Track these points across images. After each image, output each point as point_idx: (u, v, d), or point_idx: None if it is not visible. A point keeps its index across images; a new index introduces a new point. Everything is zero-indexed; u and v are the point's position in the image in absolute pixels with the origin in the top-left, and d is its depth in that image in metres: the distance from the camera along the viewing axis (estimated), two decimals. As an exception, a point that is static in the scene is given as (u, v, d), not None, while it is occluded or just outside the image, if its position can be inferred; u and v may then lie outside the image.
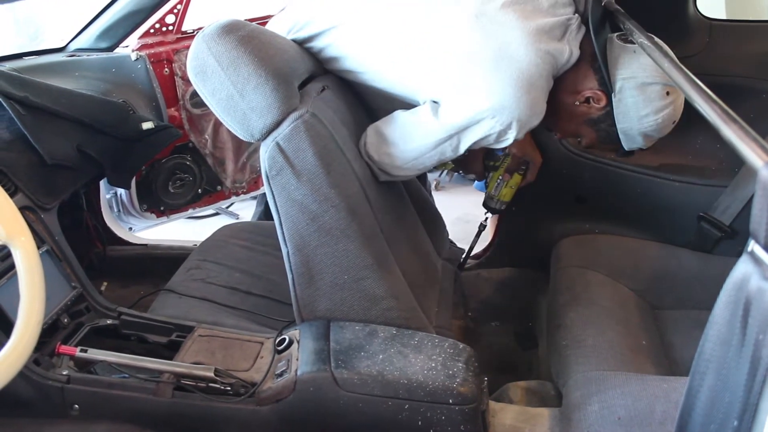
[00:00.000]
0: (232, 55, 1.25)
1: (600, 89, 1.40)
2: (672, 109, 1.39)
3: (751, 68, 1.81)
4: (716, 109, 0.84)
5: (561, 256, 1.86)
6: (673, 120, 1.42)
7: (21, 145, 1.45)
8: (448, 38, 1.36)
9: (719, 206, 1.78)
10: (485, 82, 1.30)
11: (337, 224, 1.29)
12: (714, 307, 0.70)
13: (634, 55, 1.37)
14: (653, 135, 1.43)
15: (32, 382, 1.22)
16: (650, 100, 1.37)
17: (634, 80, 1.37)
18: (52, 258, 1.39)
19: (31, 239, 1.00)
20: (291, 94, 1.29)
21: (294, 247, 1.31)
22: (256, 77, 1.25)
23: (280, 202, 1.29)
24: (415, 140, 1.41)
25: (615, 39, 1.42)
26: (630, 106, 1.38)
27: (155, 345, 1.42)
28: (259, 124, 1.27)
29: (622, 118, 1.40)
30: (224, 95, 1.27)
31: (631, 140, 1.45)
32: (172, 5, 2.18)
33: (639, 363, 1.42)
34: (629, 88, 1.37)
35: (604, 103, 1.41)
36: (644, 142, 1.45)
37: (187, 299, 1.58)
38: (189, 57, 1.30)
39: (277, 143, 1.26)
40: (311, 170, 1.26)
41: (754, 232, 0.63)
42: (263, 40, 1.32)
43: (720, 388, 0.70)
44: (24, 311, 0.95)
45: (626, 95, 1.38)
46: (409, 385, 1.18)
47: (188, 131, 2.28)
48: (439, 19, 1.39)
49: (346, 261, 1.31)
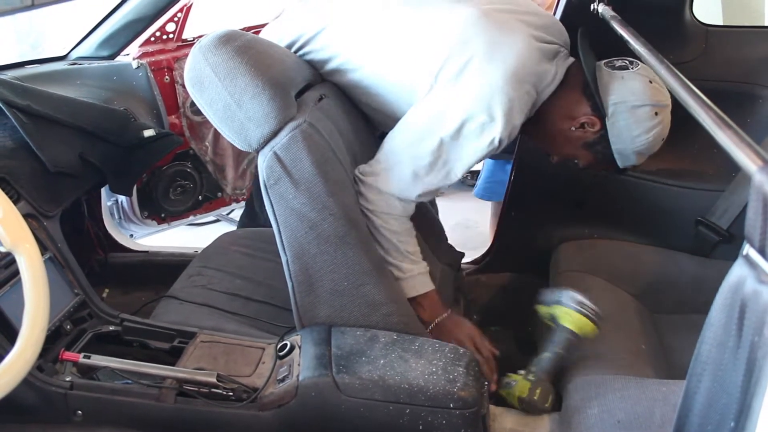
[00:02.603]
0: (229, 66, 1.26)
1: (593, 114, 1.48)
2: (661, 128, 1.48)
3: (748, 74, 1.83)
4: (711, 114, 0.85)
5: (560, 261, 1.87)
6: (662, 137, 1.50)
7: (23, 153, 1.46)
8: (445, 26, 1.42)
9: (717, 210, 1.79)
10: (479, 69, 1.37)
11: (336, 232, 1.30)
12: (710, 310, 0.71)
13: (623, 80, 1.47)
14: (645, 152, 1.52)
15: (36, 389, 1.22)
16: (641, 121, 1.46)
17: (625, 104, 1.45)
18: (54, 265, 1.40)
19: (35, 246, 1.01)
20: (288, 104, 1.30)
21: (293, 255, 1.32)
22: (253, 87, 1.26)
23: (279, 211, 1.30)
24: (406, 161, 1.42)
25: (603, 66, 1.51)
26: (623, 128, 1.46)
27: (157, 351, 1.43)
28: (256, 133, 1.28)
29: (617, 139, 1.48)
30: (221, 105, 1.28)
31: (625, 159, 1.52)
32: (173, 13, 2.20)
33: (638, 367, 1.43)
34: (621, 112, 1.45)
35: (599, 127, 1.48)
36: (637, 160, 1.53)
37: (189, 305, 1.58)
38: (186, 68, 1.32)
39: (274, 153, 1.27)
40: (309, 179, 1.27)
41: (749, 236, 0.64)
42: (260, 50, 1.33)
43: (716, 390, 0.70)
44: (29, 318, 0.96)
45: (619, 118, 1.46)
46: (410, 389, 1.19)
47: (189, 138, 2.30)
48: (433, 11, 1.46)
49: (345, 268, 1.31)
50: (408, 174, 1.42)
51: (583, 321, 1.38)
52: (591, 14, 1.67)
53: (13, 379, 0.92)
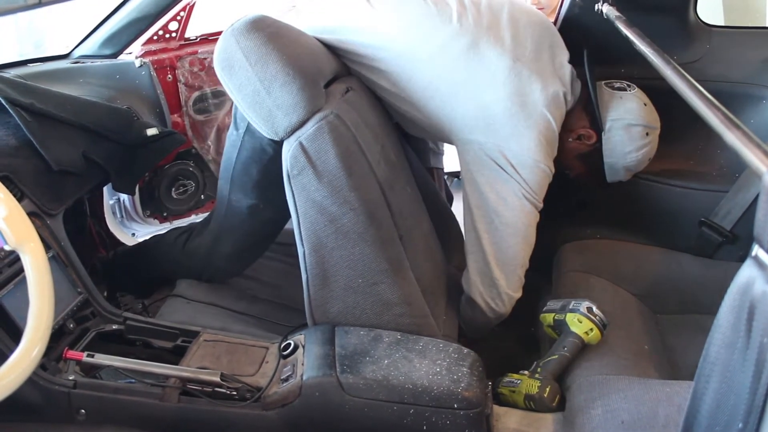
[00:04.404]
0: (261, 52, 1.25)
1: (591, 128, 1.61)
2: (650, 148, 1.62)
3: (752, 75, 1.82)
4: (719, 115, 0.85)
5: (563, 261, 1.87)
6: (649, 157, 1.64)
7: (27, 152, 1.45)
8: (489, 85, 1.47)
9: (720, 211, 1.79)
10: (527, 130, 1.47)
11: (355, 227, 1.29)
12: (719, 311, 0.71)
13: (621, 100, 1.60)
14: (633, 169, 1.66)
15: (39, 387, 1.22)
16: (634, 139, 1.60)
17: (622, 121, 1.59)
18: (58, 263, 1.40)
19: (40, 245, 1.01)
20: (317, 94, 1.29)
21: (310, 248, 1.31)
22: (284, 75, 1.25)
23: (300, 202, 1.29)
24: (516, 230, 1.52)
25: (604, 86, 1.64)
26: (617, 144, 1.60)
27: (160, 350, 1.43)
28: (284, 122, 1.27)
29: (609, 153, 1.62)
30: (250, 91, 1.27)
31: (615, 173, 1.66)
32: (176, 12, 2.19)
33: (641, 367, 1.43)
34: (617, 128, 1.59)
35: (594, 141, 1.62)
36: (624, 175, 1.68)
37: (194, 304, 1.58)
38: (217, 50, 1.30)
39: (300, 143, 1.26)
40: (333, 172, 1.26)
41: (758, 237, 0.64)
42: (291, 38, 1.32)
43: (725, 391, 0.70)
44: (34, 317, 0.96)
45: (614, 134, 1.60)
46: (414, 389, 1.19)
47: (191, 137, 2.30)
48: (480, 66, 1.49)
49: (361, 265, 1.31)
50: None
51: (592, 329, 1.43)
52: (595, 15, 1.66)
53: (18, 378, 0.92)
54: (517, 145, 1.46)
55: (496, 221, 1.49)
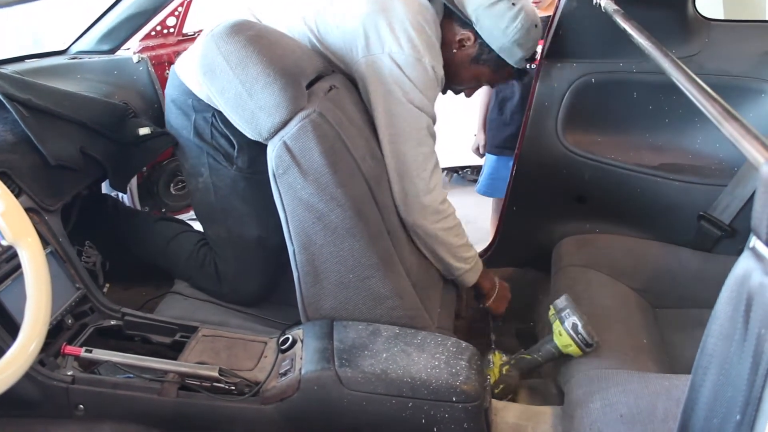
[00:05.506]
0: (241, 55, 1.26)
1: (464, 30, 1.62)
2: (525, 13, 1.59)
3: (751, 68, 1.82)
4: (717, 107, 0.85)
5: (562, 256, 1.87)
6: (533, 23, 1.61)
7: (24, 147, 1.45)
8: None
9: (719, 205, 1.79)
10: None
11: (343, 223, 1.30)
12: (716, 303, 0.71)
13: None
14: (525, 42, 1.61)
15: (37, 383, 1.22)
16: (502, 14, 1.58)
17: (481, 6, 1.59)
18: (56, 259, 1.39)
19: (37, 241, 1.00)
20: (299, 94, 1.29)
21: (300, 246, 1.32)
22: (265, 76, 1.26)
23: (287, 201, 1.30)
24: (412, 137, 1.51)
25: None
26: (492, 28, 1.59)
27: (159, 345, 1.43)
28: (267, 123, 1.27)
29: (492, 39, 1.60)
30: (233, 94, 1.28)
31: (512, 54, 1.62)
32: (173, 8, 2.19)
33: (640, 361, 1.43)
34: (482, 15, 1.59)
35: (474, 38, 1.62)
36: (523, 52, 1.63)
37: (192, 301, 1.59)
38: (198, 56, 1.31)
39: (284, 142, 1.27)
40: (318, 169, 1.27)
41: (756, 229, 0.63)
42: (272, 40, 1.32)
43: (722, 383, 0.70)
44: (31, 312, 0.95)
45: (483, 21, 1.59)
46: (413, 383, 1.19)
47: (189, 133, 2.28)
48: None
49: (351, 260, 1.31)
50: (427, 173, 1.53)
51: (571, 345, 1.42)
52: (593, 8, 1.66)
53: (15, 373, 0.91)
54: (396, 46, 1.48)
55: (393, 134, 1.52)
